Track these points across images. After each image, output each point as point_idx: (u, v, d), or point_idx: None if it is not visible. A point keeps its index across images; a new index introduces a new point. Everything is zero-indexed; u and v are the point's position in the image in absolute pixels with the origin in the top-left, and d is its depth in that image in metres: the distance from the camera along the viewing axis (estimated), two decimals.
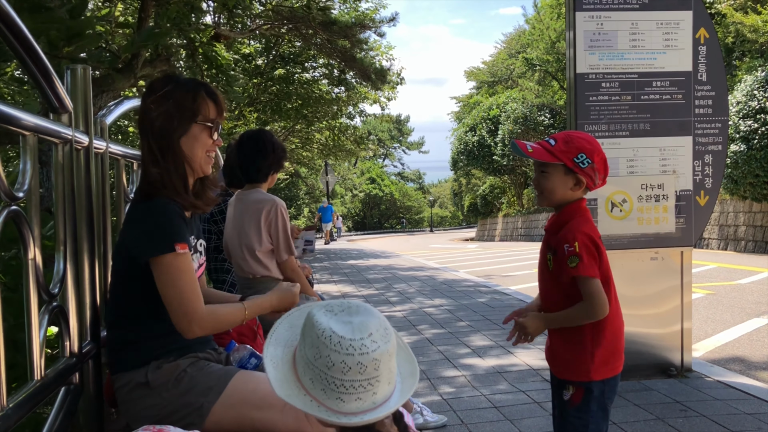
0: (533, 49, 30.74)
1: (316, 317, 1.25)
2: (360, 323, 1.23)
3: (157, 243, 1.79)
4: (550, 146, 1.97)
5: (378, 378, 1.22)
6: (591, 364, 1.95)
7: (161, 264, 1.79)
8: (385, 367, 1.23)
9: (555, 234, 2.01)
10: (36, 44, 1.60)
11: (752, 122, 12.88)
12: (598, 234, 1.99)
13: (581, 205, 2.03)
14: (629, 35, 3.88)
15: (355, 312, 1.27)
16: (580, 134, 2.02)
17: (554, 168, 1.98)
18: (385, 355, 1.22)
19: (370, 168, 64.55)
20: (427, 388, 3.90)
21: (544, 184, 2.01)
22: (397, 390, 1.30)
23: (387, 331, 1.25)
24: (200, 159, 1.98)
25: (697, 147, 3.94)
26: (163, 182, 1.89)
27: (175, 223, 1.84)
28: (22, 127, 1.60)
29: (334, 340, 1.20)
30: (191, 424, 1.80)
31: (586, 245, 1.91)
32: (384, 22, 14.76)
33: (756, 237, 14.19)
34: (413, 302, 7.52)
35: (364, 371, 1.19)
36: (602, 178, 2.01)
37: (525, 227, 28.56)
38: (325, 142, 23.06)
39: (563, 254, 1.93)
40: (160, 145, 1.90)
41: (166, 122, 1.90)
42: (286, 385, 1.27)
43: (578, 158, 1.94)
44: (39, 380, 1.67)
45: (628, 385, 3.78)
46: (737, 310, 6.66)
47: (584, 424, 1.97)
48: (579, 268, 1.90)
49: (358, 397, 1.21)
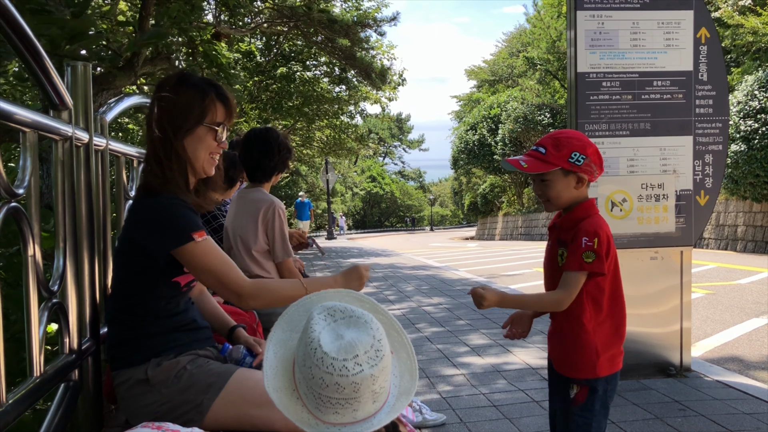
0: (534, 48, 30.72)
1: (314, 320, 1.23)
2: (349, 341, 1.20)
3: (175, 235, 1.81)
4: (541, 155, 1.96)
5: (357, 399, 1.19)
6: (597, 360, 1.96)
7: (185, 254, 1.81)
8: (367, 390, 1.20)
9: (569, 230, 1.99)
10: (36, 40, 1.60)
11: (753, 122, 12.88)
12: (610, 232, 2.00)
13: (593, 203, 2.04)
14: (630, 34, 3.88)
15: (354, 324, 1.24)
16: (567, 133, 2.01)
17: (553, 174, 1.97)
18: (367, 379, 1.19)
19: (371, 166, 64.56)
20: (425, 386, 3.90)
21: (549, 192, 2.00)
22: (387, 407, 1.27)
23: (378, 352, 1.21)
24: (202, 160, 1.97)
25: (697, 147, 3.94)
26: (166, 180, 1.89)
27: (186, 214, 1.85)
28: (21, 124, 1.60)
29: (318, 354, 1.18)
30: (191, 421, 1.80)
31: (603, 244, 1.92)
32: (385, 21, 14.75)
33: (756, 237, 14.19)
34: (412, 300, 7.52)
35: (342, 392, 1.18)
36: (599, 167, 2.00)
37: (525, 226, 28.57)
38: (325, 141, 23.06)
39: (579, 246, 1.92)
40: (164, 142, 1.90)
41: (172, 121, 1.89)
42: (279, 378, 1.27)
43: (572, 157, 1.94)
44: (38, 377, 1.67)
45: (627, 384, 3.78)
46: (737, 310, 6.66)
47: (588, 422, 1.98)
48: (594, 264, 1.91)
49: (336, 411, 1.20)
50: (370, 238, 36.56)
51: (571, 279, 1.93)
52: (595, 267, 1.91)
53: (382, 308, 1.43)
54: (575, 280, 1.93)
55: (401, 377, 1.35)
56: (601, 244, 1.92)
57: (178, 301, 1.97)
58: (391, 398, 1.28)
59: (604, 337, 1.98)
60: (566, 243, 2.00)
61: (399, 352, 1.39)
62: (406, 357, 1.39)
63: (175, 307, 1.96)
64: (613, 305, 2.01)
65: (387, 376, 1.25)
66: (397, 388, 1.32)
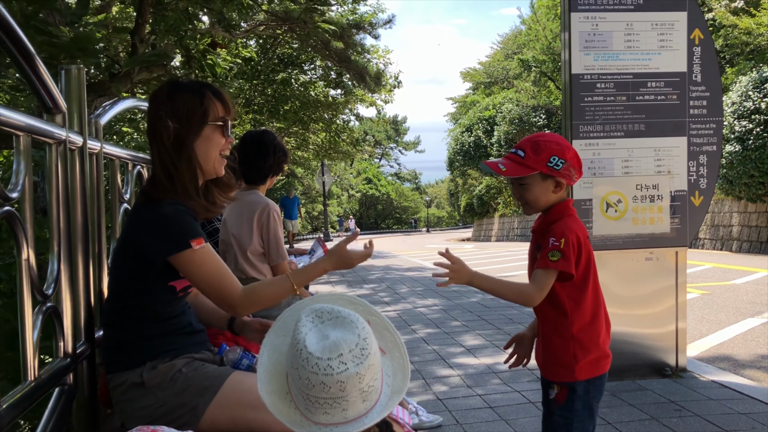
0: (529, 50, 30.76)
1: (302, 322, 1.25)
2: (334, 341, 1.21)
3: (173, 242, 1.81)
4: (520, 159, 1.96)
5: (345, 398, 1.20)
6: (575, 364, 1.96)
7: (182, 261, 1.82)
8: (354, 389, 1.20)
9: (543, 233, 2.01)
10: (28, 43, 1.59)
11: (747, 123, 12.92)
12: (586, 234, 2.00)
13: (568, 205, 2.04)
14: (624, 36, 3.89)
15: (340, 325, 1.25)
16: (546, 137, 2.01)
17: (531, 178, 1.97)
18: (353, 377, 1.19)
19: (367, 168, 64.54)
20: (421, 387, 3.90)
21: (527, 196, 2.01)
22: (379, 406, 1.27)
23: (363, 351, 1.22)
24: (214, 160, 1.98)
25: (691, 147, 3.96)
26: (174, 188, 1.89)
27: (186, 221, 1.86)
28: (14, 128, 1.60)
29: (303, 355, 1.19)
30: (186, 424, 1.80)
31: (573, 244, 1.92)
32: (379, 24, 14.76)
33: (751, 237, 14.24)
34: (407, 302, 7.52)
35: (328, 391, 1.19)
36: (578, 171, 2.01)
37: (521, 227, 28.61)
38: (321, 144, 23.04)
39: (546, 245, 1.93)
40: (174, 150, 1.90)
41: (178, 128, 1.89)
42: (273, 382, 1.27)
43: (551, 161, 1.94)
44: (33, 381, 1.66)
45: (622, 385, 3.79)
46: (732, 310, 6.68)
47: (569, 422, 1.99)
48: (559, 263, 1.90)
49: (325, 411, 1.21)
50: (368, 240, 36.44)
51: (538, 276, 1.94)
52: (560, 265, 1.90)
53: (374, 310, 1.43)
54: (543, 277, 1.93)
55: (394, 376, 1.35)
56: (569, 245, 1.91)
57: (174, 304, 1.97)
58: (383, 398, 1.29)
59: (585, 341, 1.98)
60: (540, 246, 2.01)
61: (392, 352, 1.40)
62: (399, 356, 1.40)
63: (170, 311, 1.96)
64: (595, 310, 2.01)
65: (374, 375, 1.25)
66: (390, 388, 1.33)
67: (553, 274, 1.93)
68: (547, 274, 1.93)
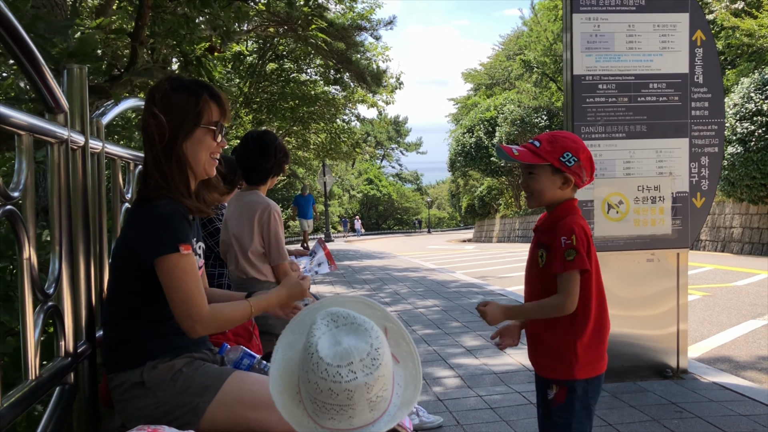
0: (531, 51, 30.76)
1: (316, 325, 1.24)
2: (346, 348, 1.20)
3: (161, 244, 1.79)
4: (535, 148, 1.99)
5: (352, 407, 1.19)
6: (575, 363, 1.96)
7: (166, 264, 1.78)
8: (361, 398, 1.20)
9: (548, 231, 2.01)
10: (31, 43, 1.60)
11: (749, 124, 12.91)
12: (590, 231, 2.01)
13: (573, 204, 2.05)
14: (626, 37, 3.89)
15: (354, 332, 1.24)
16: (564, 134, 2.04)
17: (542, 169, 2.00)
18: (361, 387, 1.19)
19: (368, 169, 64.54)
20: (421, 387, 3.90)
21: (533, 185, 2.03)
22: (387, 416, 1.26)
23: (374, 361, 1.21)
24: (204, 162, 1.97)
25: (693, 149, 3.95)
26: (168, 186, 1.89)
27: (179, 224, 1.84)
28: (16, 127, 1.60)
29: (314, 359, 1.19)
30: (187, 424, 1.80)
31: (582, 240, 1.93)
32: (380, 24, 14.76)
33: (752, 239, 14.22)
34: (407, 302, 7.52)
35: (336, 398, 1.18)
36: (589, 174, 2.02)
37: (522, 228, 28.58)
38: (320, 144, 23.04)
39: (559, 246, 1.93)
40: (164, 149, 1.89)
41: (170, 127, 1.89)
42: (285, 380, 1.27)
43: (564, 157, 1.96)
44: (34, 380, 1.66)
45: (623, 386, 3.79)
46: (733, 312, 6.67)
47: (568, 423, 1.99)
48: (576, 261, 1.90)
49: (331, 417, 1.20)
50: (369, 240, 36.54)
51: (564, 281, 1.93)
52: (578, 264, 1.91)
53: (393, 317, 1.42)
54: (567, 282, 1.93)
55: (405, 387, 1.34)
56: (579, 240, 1.92)
57: None
58: (392, 407, 1.28)
59: (585, 340, 1.98)
60: (546, 245, 2.01)
61: (406, 362, 1.39)
62: (412, 366, 1.38)
63: (170, 311, 1.95)
64: (600, 307, 2.01)
65: (384, 385, 1.24)
66: (399, 398, 1.31)
67: (575, 275, 1.93)
68: (570, 277, 1.93)
